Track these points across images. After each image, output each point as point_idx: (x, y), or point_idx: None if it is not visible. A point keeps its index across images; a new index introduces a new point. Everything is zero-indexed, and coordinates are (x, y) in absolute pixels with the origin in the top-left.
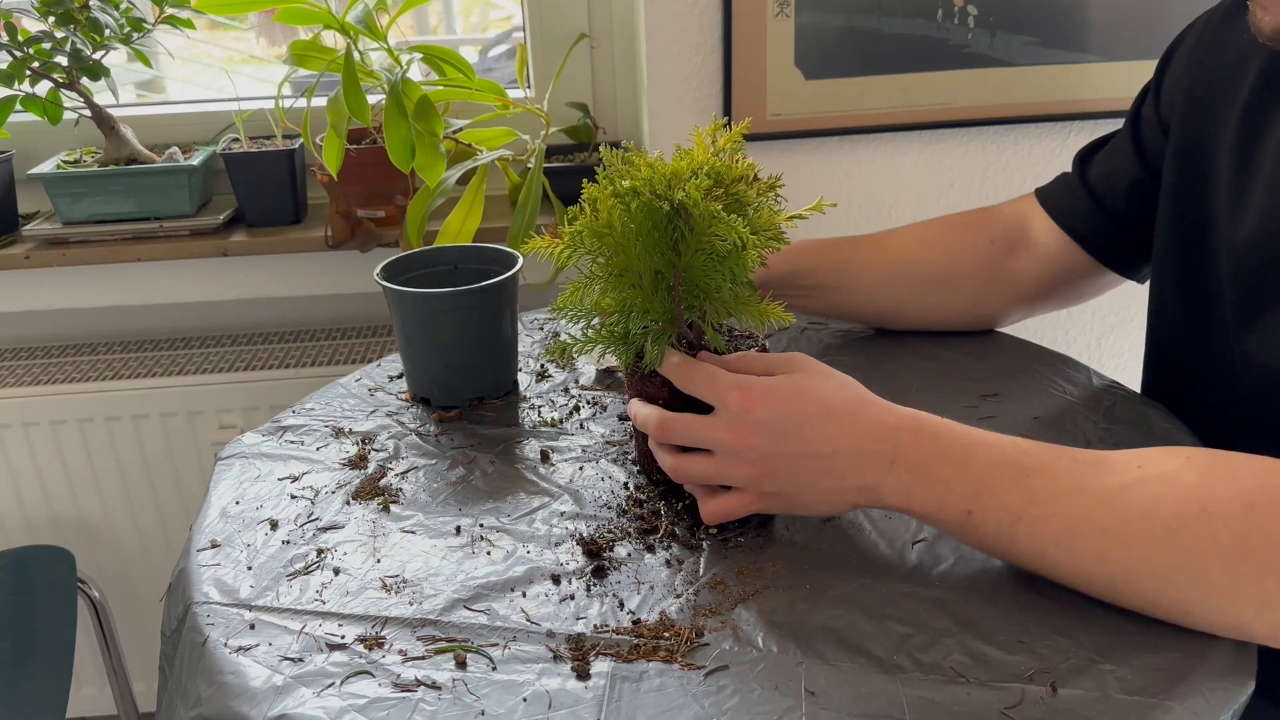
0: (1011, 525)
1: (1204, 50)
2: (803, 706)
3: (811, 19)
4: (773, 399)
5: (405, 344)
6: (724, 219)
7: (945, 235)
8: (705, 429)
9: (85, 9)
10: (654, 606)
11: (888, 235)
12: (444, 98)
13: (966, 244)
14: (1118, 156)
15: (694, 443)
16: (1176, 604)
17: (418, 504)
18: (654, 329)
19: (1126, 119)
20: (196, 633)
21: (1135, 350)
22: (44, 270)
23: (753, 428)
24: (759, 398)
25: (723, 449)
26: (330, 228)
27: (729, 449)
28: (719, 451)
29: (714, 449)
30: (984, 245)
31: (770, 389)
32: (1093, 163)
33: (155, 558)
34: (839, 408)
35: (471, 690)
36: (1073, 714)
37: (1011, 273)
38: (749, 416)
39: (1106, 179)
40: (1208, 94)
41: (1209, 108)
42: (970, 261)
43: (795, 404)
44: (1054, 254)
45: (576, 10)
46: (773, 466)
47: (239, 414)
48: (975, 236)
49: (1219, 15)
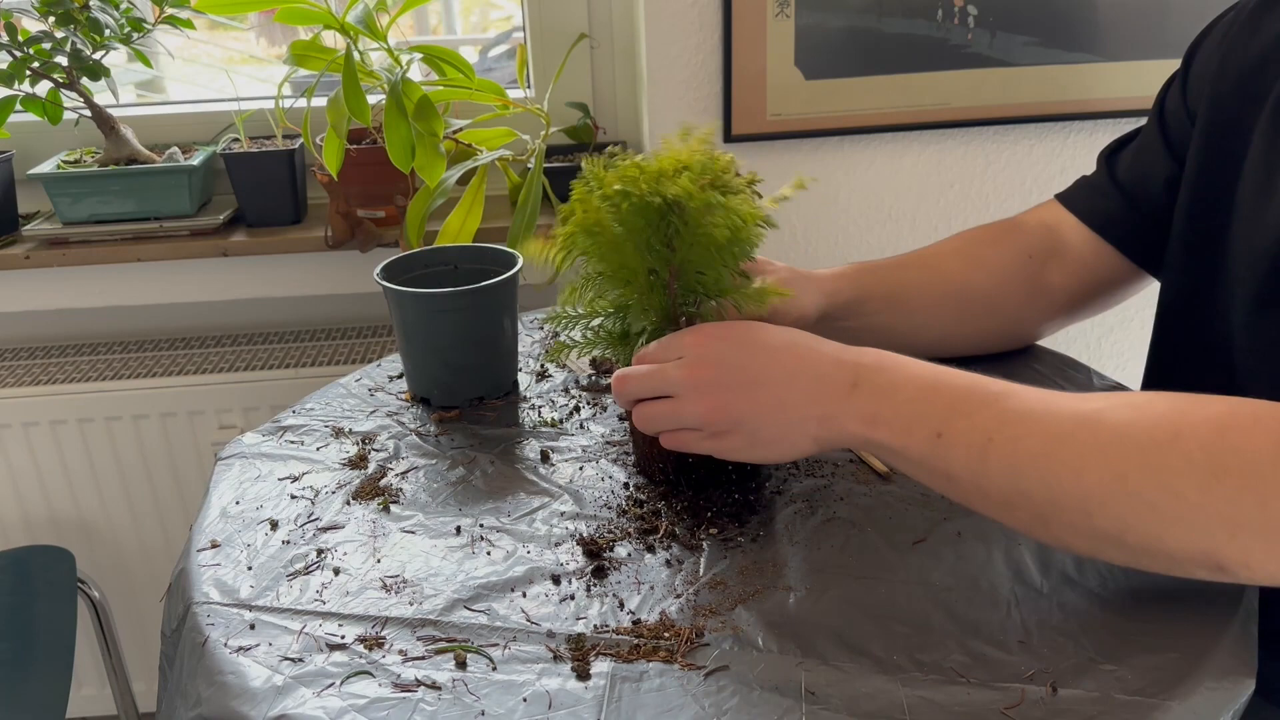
0: (983, 446)
1: (1233, 41)
2: (803, 707)
3: (811, 19)
4: (726, 335)
5: (405, 344)
6: (724, 204)
7: (983, 252)
8: (660, 372)
9: (85, 9)
10: (654, 606)
11: (931, 255)
12: (444, 98)
13: (1005, 261)
14: (1149, 154)
15: (652, 390)
16: (1150, 527)
17: (418, 504)
18: (652, 327)
19: (1151, 114)
20: (196, 633)
21: (1135, 350)
22: (44, 270)
23: (706, 360)
24: (711, 335)
25: (679, 388)
26: (330, 228)
27: (685, 386)
28: (676, 393)
29: (669, 393)
30: (1022, 260)
31: (723, 328)
32: (1120, 162)
33: (155, 558)
34: (796, 340)
35: (471, 690)
36: (1073, 714)
37: (1049, 286)
38: (701, 350)
39: (1140, 177)
40: (1237, 83)
41: (1238, 97)
42: (1011, 278)
43: (749, 336)
44: (1090, 262)
45: (576, 10)
46: (728, 400)
47: (239, 414)
48: (1011, 252)
49: (1249, 7)
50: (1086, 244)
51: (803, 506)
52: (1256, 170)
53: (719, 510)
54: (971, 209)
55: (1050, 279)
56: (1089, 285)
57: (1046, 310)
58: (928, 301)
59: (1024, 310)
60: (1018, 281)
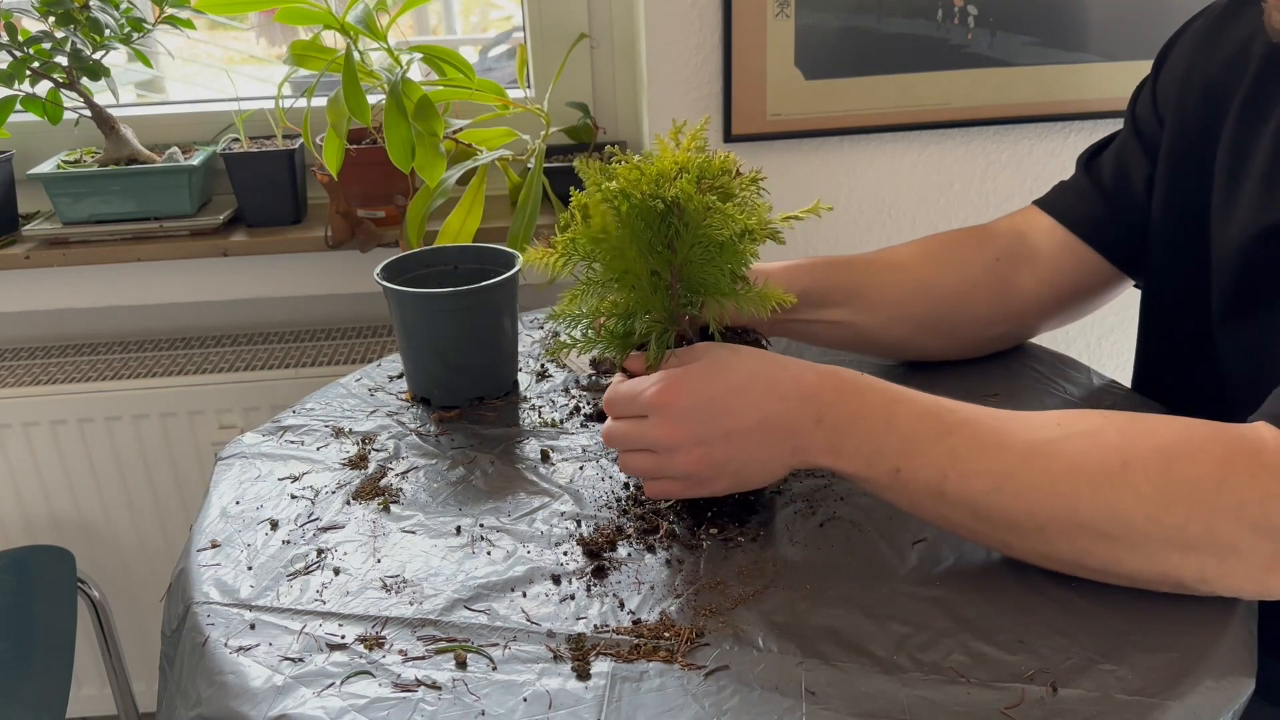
0: (939, 483)
1: (1202, 46)
2: (803, 706)
3: (811, 19)
4: (691, 385)
5: (405, 344)
6: (720, 209)
7: (949, 254)
8: (639, 431)
9: (85, 9)
10: (654, 606)
11: (894, 254)
12: (444, 98)
13: (974, 261)
14: (1127, 155)
15: (634, 445)
16: (1107, 554)
17: (418, 504)
18: (655, 328)
19: (1126, 119)
20: (197, 633)
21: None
22: (44, 270)
23: (679, 418)
24: (677, 388)
25: (659, 446)
26: (330, 228)
27: (664, 445)
28: (657, 449)
29: (651, 449)
30: (990, 263)
31: (685, 376)
32: (1100, 164)
33: (155, 558)
34: (758, 374)
35: (472, 690)
36: (1073, 714)
37: (1020, 291)
38: (672, 409)
39: (1120, 178)
40: (1205, 88)
41: (1207, 102)
42: (978, 281)
43: (714, 382)
44: (1067, 267)
45: (576, 10)
46: (708, 452)
47: (239, 414)
48: (978, 255)
49: (1216, 12)
50: (1065, 248)
51: (803, 506)
52: (1223, 177)
53: (719, 510)
54: (971, 209)
55: (1021, 284)
56: (1064, 290)
57: (1018, 315)
58: (890, 299)
59: (993, 313)
60: (985, 285)
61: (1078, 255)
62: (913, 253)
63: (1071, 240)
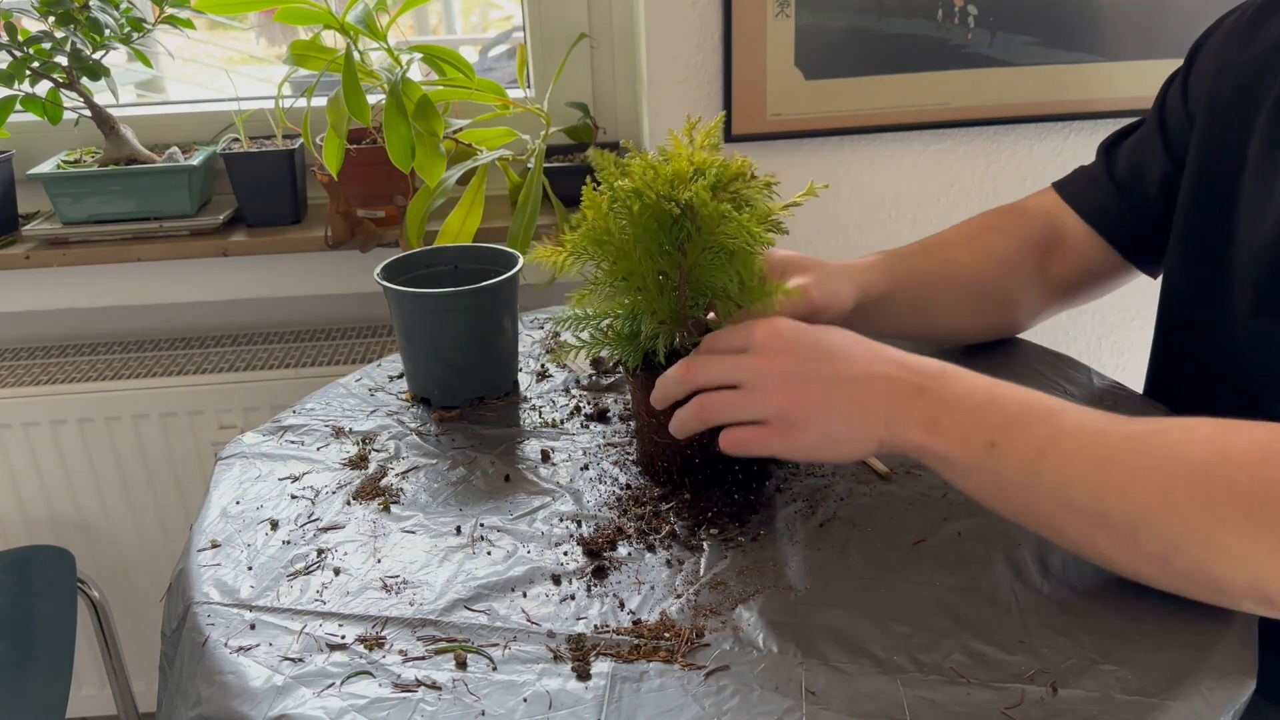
0: (1036, 460)
1: (1236, 41)
2: (803, 707)
3: (811, 19)
4: (800, 330)
5: (405, 344)
6: (735, 218)
7: (993, 242)
8: (733, 360)
9: (85, 9)
10: (654, 606)
11: (943, 246)
12: (444, 98)
13: (1013, 251)
14: (1147, 150)
15: (722, 379)
16: (1196, 549)
17: (418, 504)
18: (662, 330)
19: (1152, 111)
20: (197, 633)
21: (1135, 350)
22: (44, 270)
23: (784, 348)
24: (787, 328)
25: (752, 378)
26: (330, 228)
27: (759, 375)
28: (747, 384)
29: (742, 382)
30: (1027, 249)
31: (796, 324)
32: (1119, 156)
33: (155, 558)
34: (866, 343)
35: (472, 690)
36: (1073, 714)
37: (1048, 276)
38: (778, 340)
39: (1135, 173)
40: (1237, 86)
41: (1240, 96)
42: (1018, 268)
43: (823, 334)
44: (1084, 252)
45: (576, 10)
46: (805, 390)
47: (239, 414)
48: (1017, 241)
49: (1251, 10)
50: (1081, 235)
51: (803, 506)
52: (1254, 175)
53: (719, 510)
54: (971, 209)
55: (1050, 269)
56: (1081, 275)
57: (1043, 298)
58: (946, 296)
59: (1026, 299)
60: (1022, 271)
61: (1092, 243)
62: (959, 243)
63: (1087, 229)
